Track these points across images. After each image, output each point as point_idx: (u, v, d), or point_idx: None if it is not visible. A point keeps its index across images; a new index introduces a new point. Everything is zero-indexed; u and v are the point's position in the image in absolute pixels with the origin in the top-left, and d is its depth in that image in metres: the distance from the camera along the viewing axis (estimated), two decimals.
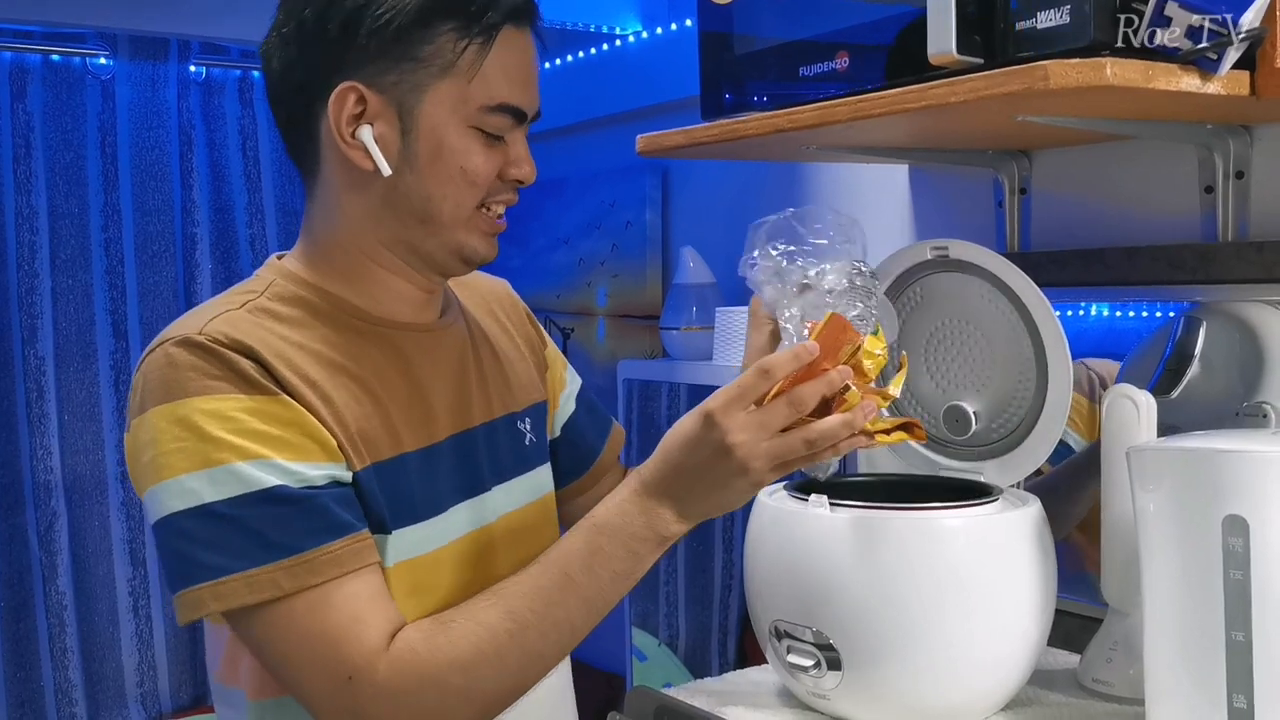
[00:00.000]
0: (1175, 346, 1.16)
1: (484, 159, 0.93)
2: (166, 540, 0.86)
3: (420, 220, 0.94)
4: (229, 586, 0.83)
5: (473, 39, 0.90)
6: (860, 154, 1.30)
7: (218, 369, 0.86)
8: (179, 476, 0.84)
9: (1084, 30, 0.87)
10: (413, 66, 0.90)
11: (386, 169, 0.91)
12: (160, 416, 0.85)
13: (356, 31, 0.89)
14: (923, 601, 0.93)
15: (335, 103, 0.91)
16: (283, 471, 0.84)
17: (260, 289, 0.95)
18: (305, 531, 0.84)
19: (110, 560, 2.23)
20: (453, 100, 0.91)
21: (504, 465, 1.04)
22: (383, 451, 0.92)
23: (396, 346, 0.96)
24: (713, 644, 1.92)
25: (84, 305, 2.17)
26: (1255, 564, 0.81)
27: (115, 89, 2.15)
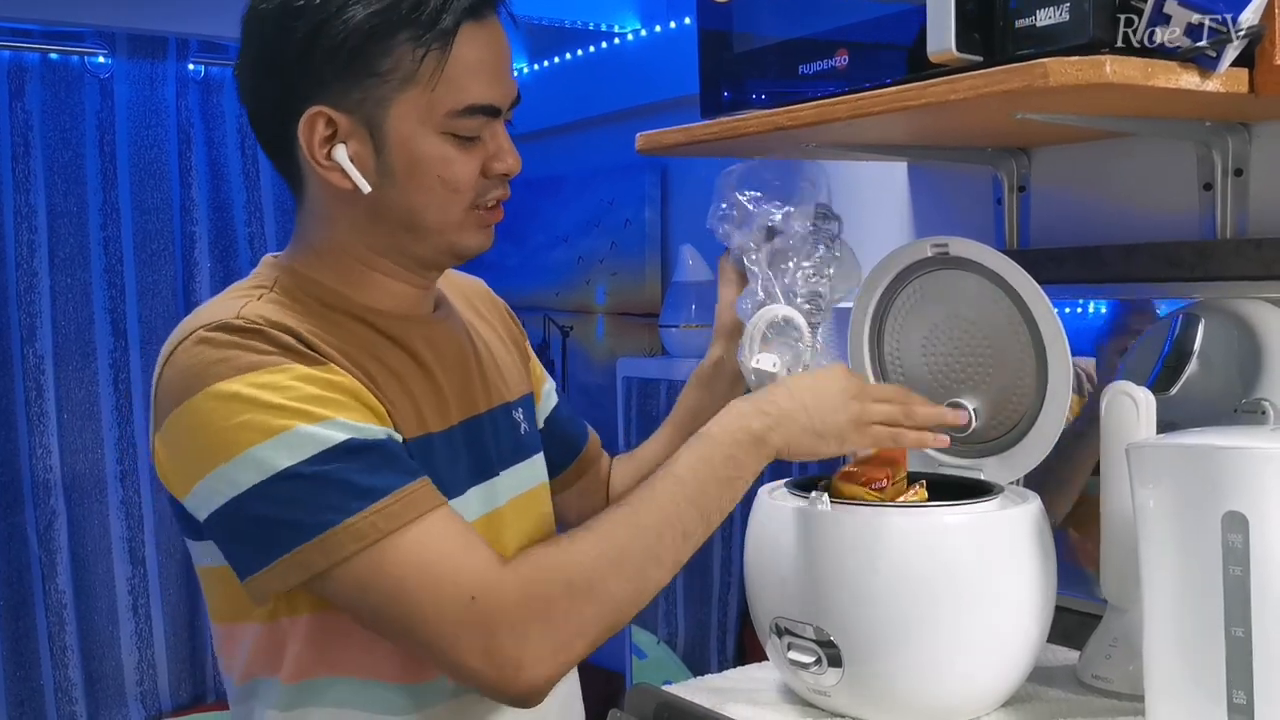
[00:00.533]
0: (1173, 344, 1.16)
1: (462, 164, 0.92)
2: (247, 516, 0.84)
3: (408, 229, 0.94)
4: (334, 540, 0.82)
5: (430, 47, 0.89)
6: (859, 152, 1.30)
7: (264, 344, 0.86)
8: (249, 449, 0.83)
9: (1083, 28, 0.88)
10: (375, 82, 0.89)
11: (366, 187, 0.91)
12: (210, 398, 0.85)
13: (313, 55, 0.89)
14: (923, 598, 0.93)
15: (305, 129, 0.90)
16: (349, 428, 0.85)
17: (268, 285, 0.95)
18: (390, 474, 0.85)
19: (110, 559, 2.23)
20: (419, 110, 0.90)
21: (506, 451, 1.05)
22: (412, 430, 0.93)
23: (404, 336, 0.97)
24: (712, 641, 1.92)
25: (83, 304, 2.17)
26: (1255, 560, 0.81)
27: (114, 87, 2.15)
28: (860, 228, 1.60)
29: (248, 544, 0.86)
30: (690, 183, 1.96)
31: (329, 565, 0.83)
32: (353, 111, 0.90)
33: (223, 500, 0.85)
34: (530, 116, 2.26)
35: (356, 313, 0.95)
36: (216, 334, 0.87)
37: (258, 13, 0.92)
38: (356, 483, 0.83)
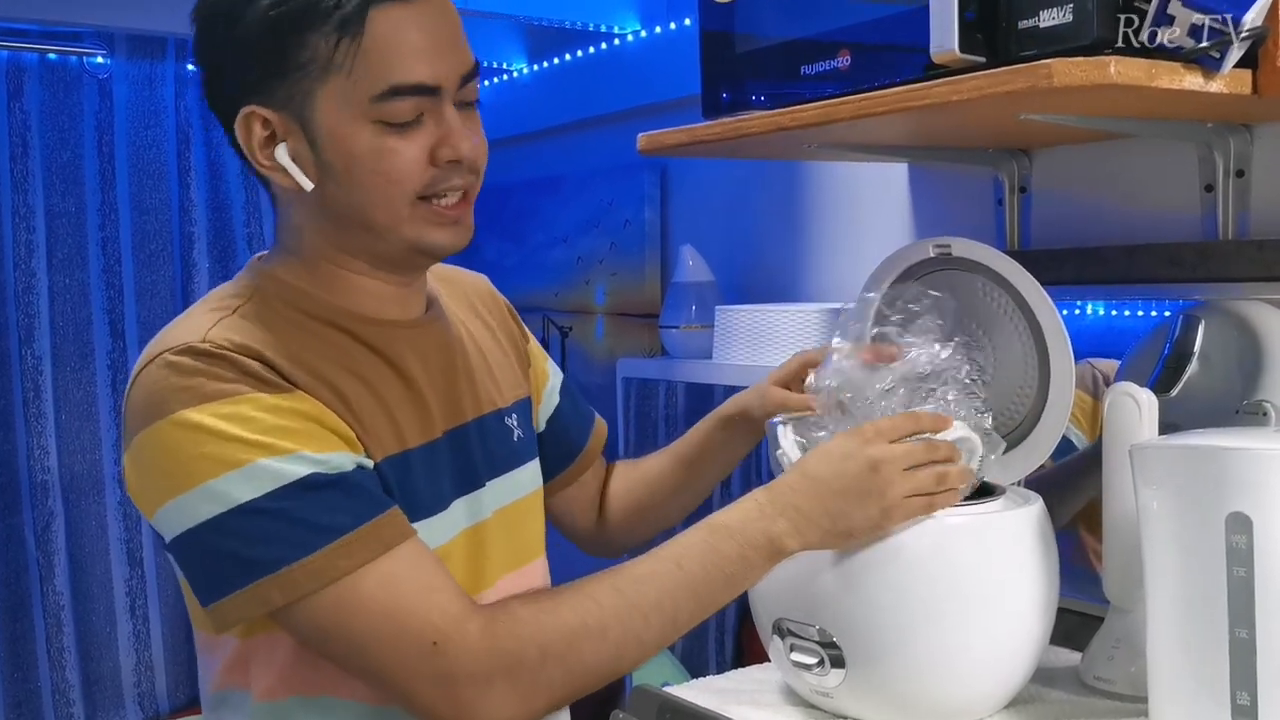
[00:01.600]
0: (1174, 345, 1.16)
1: (400, 153, 0.88)
2: (204, 548, 0.84)
3: (361, 226, 0.91)
4: (291, 577, 0.81)
5: (340, 35, 0.85)
6: (860, 152, 1.30)
7: (228, 371, 0.85)
8: (209, 481, 0.82)
9: (1086, 29, 0.88)
10: (298, 75, 0.87)
11: (307, 184, 0.89)
12: (173, 426, 0.83)
13: (233, 53, 0.88)
14: (926, 600, 0.93)
15: (241, 131, 0.89)
16: (312, 461, 0.83)
17: (248, 294, 0.93)
18: (351, 510, 0.84)
19: (107, 560, 2.23)
20: (340, 98, 0.86)
21: (496, 461, 1.03)
22: (389, 447, 0.92)
23: (387, 345, 0.95)
24: (710, 642, 1.92)
25: (81, 304, 2.17)
26: (1259, 561, 0.81)
27: (112, 87, 2.15)
28: (861, 228, 1.61)
29: (206, 575, 0.86)
30: (690, 183, 1.96)
31: (286, 601, 0.82)
32: (284, 108, 0.88)
33: (183, 529, 0.84)
34: (530, 117, 2.28)
35: (337, 320, 0.93)
36: (182, 359, 0.85)
37: (193, 19, 0.91)
38: (315, 520, 0.82)
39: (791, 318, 1.50)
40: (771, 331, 1.52)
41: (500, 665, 0.82)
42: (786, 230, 1.73)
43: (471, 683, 0.82)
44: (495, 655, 0.82)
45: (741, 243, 1.83)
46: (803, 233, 1.71)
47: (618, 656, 0.86)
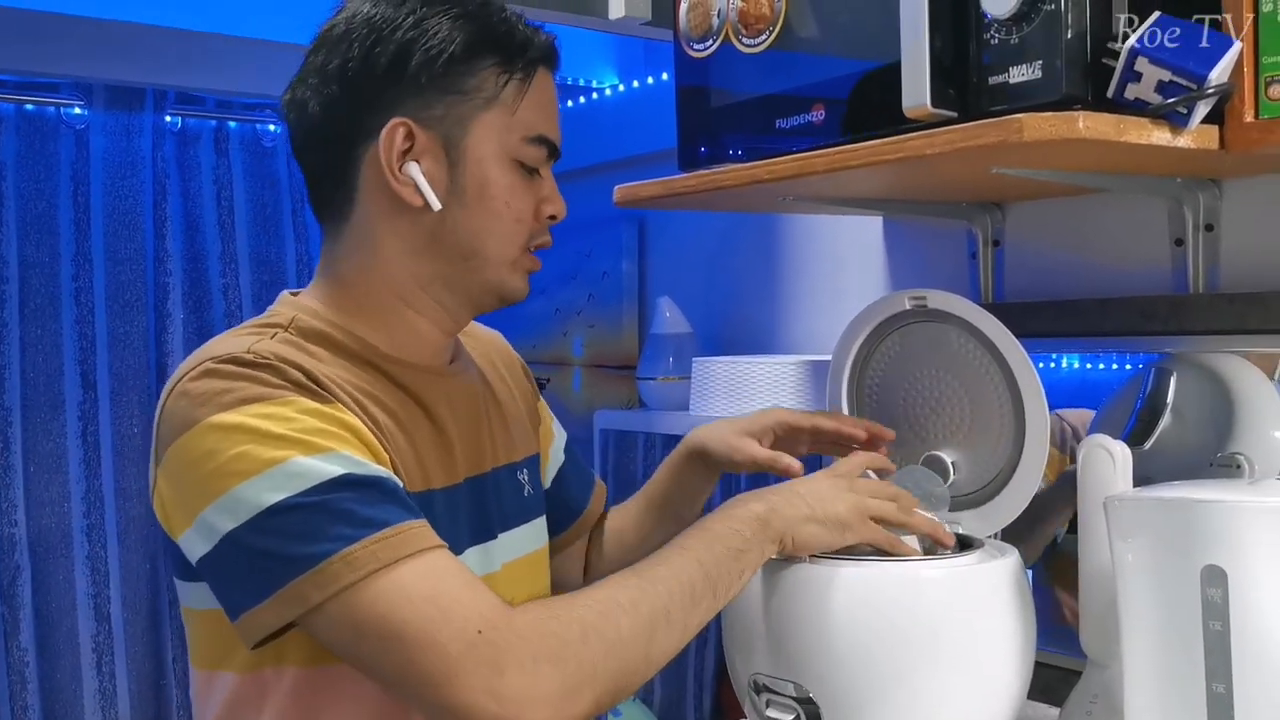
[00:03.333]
0: (1147, 398, 1.16)
1: (524, 195, 0.95)
2: (242, 550, 0.82)
3: (465, 256, 0.95)
4: (330, 571, 0.79)
5: (515, 74, 0.93)
6: (836, 205, 1.31)
7: (271, 376, 0.85)
8: (246, 481, 0.81)
9: (1056, 85, 0.89)
10: (458, 100, 0.92)
11: (437, 204, 0.92)
12: (211, 430, 0.83)
13: (406, 65, 0.91)
14: (903, 654, 0.92)
15: (385, 139, 0.91)
16: (349, 461, 0.83)
17: (284, 323, 0.94)
18: (389, 507, 0.83)
19: (74, 616, 2.18)
20: (498, 131, 0.93)
21: (507, 513, 1.03)
22: (415, 484, 0.92)
23: (417, 386, 0.96)
24: (688, 699, 1.89)
25: (52, 354, 2.14)
26: (1234, 615, 0.81)
27: (89, 138, 2.14)
28: (837, 280, 1.62)
29: (241, 580, 0.83)
30: (667, 235, 1.97)
31: (324, 598, 0.80)
32: (432, 127, 0.92)
33: (219, 535, 0.82)
34: None
35: (372, 359, 0.94)
36: (225, 365, 0.86)
37: (344, 29, 0.94)
38: (355, 512, 0.81)
39: (768, 369, 1.50)
40: (749, 383, 1.52)
41: (546, 647, 0.81)
42: (763, 282, 1.74)
43: (520, 670, 0.79)
44: (541, 637, 0.81)
45: (719, 294, 1.83)
46: (779, 285, 1.71)
47: (651, 630, 0.85)
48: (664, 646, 0.86)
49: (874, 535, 0.97)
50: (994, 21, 0.92)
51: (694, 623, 0.88)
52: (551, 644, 0.81)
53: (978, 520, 1.09)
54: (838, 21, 1.08)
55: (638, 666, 0.85)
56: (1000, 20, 0.92)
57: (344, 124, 0.93)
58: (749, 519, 0.93)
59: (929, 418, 1.14)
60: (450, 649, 0.79)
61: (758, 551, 0.92)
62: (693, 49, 1.21)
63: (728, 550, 0.91)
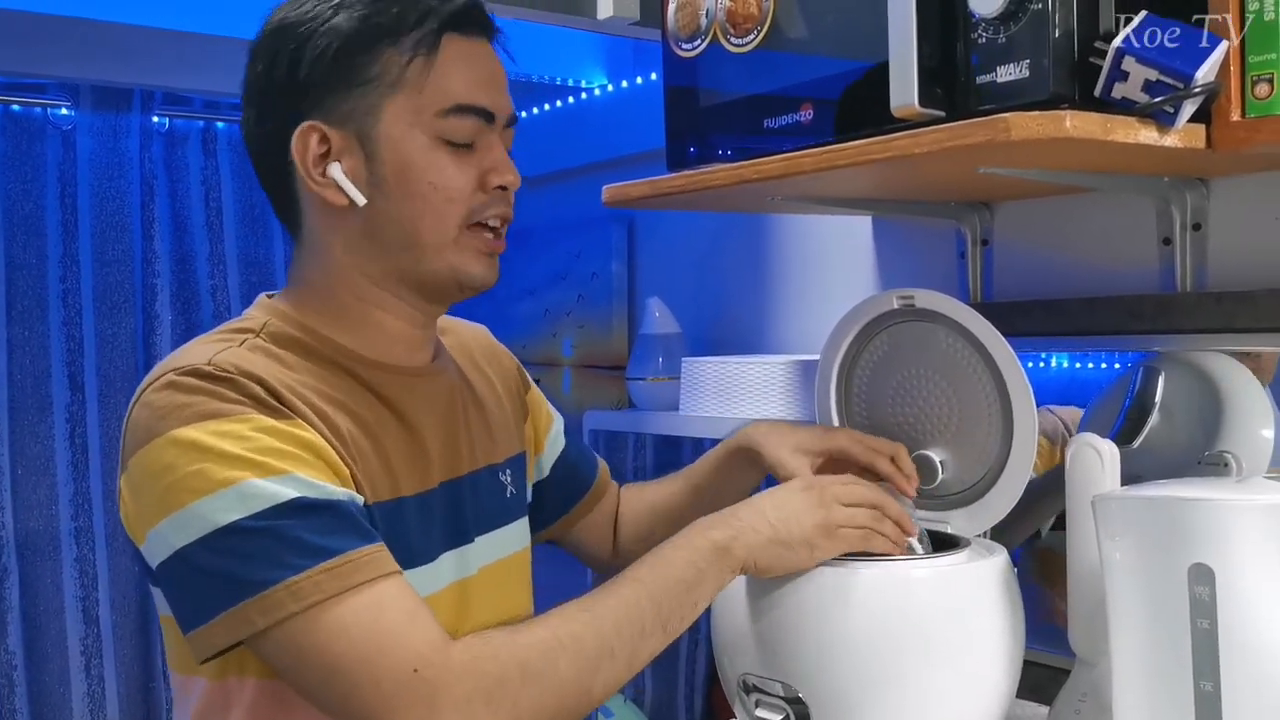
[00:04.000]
0: (1135, 396, 1.17)
1: (455, 170, 0.92)
2: (191, 568, 0.82)
3: (404, 246, 0.93)
4: (274, 598, 0.80)
5: (416, 51, 0.91)
6: (824, 205, 1.31)
7: (230, 391, 0.85)
8: (199, 500, 0.81)
9: (1043, 84, 0.89)
10: (363, 90, 0.91)
11: (360, 198, 0.91)
12: (170, 444, 0.83)
13: (299, 70, 0.90)
14: (891, 653, 0.92)
15: (298, 146, 0.91)
16: (304, 484, 0.83)
17: (256, 328, 0.94)
18: (339, 534, 0.82)
19: (62, 618, 2.17)
20: (408, 113, 0.91)
21: (486, 516, 1.03)
22: (382, 493, 0.91)
23: (390, 390, 0.95)
24: (679, 700, 1.89)
25: (40, 357, 2.13)
26: (1222, 613, 0.81)
27: (76, 139, 2.13)
28: (826, 280, 1.62)
29: (190, 597, 0.84)
30: (657, 236, 1.97)
31: (268, 624, 0.80)
32: (343, 124, 0.91)
33: (171, 550, 0.83)
34: None
35: (343, 362, 0.94)
36: (185, 379, 0.86)
37: (254, 46, 0.94)
38: (304, 540, 0.81)
39: (758, 369, 1.50)
40: (738, 383, 1.52)
41: (481, 687, 0.81)
42: (753, 282, 1.74)
43: (454, 709, 0.80)
44: (477, 677, 0.81)
45: (708, 295, 1.83)
46: (769, 285, 1.71)
47: (594, 669, 0.85)
48: (607, 682, 0.86)
49: (844, 548, 0.95)
50: (981, 21, 0.92)
51: (641, 657, 0.88)
52: (487, 684, 0.81)
53: (966, 519, 1.09)
54: (826, 21, 1.08)
55: (578, 704, 0.85)
56: (988, 19, 0.92)
57: (269, 139, 0.94)
58: (707, 549, 0.92)
59: (917, 417, 1.14)
60: (385, 686, 0.80)
61: (714, 582, 0.92)
62: (681, 49, 1.21)
63: (680, 583, 0.90)
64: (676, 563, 0.91)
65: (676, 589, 0.89)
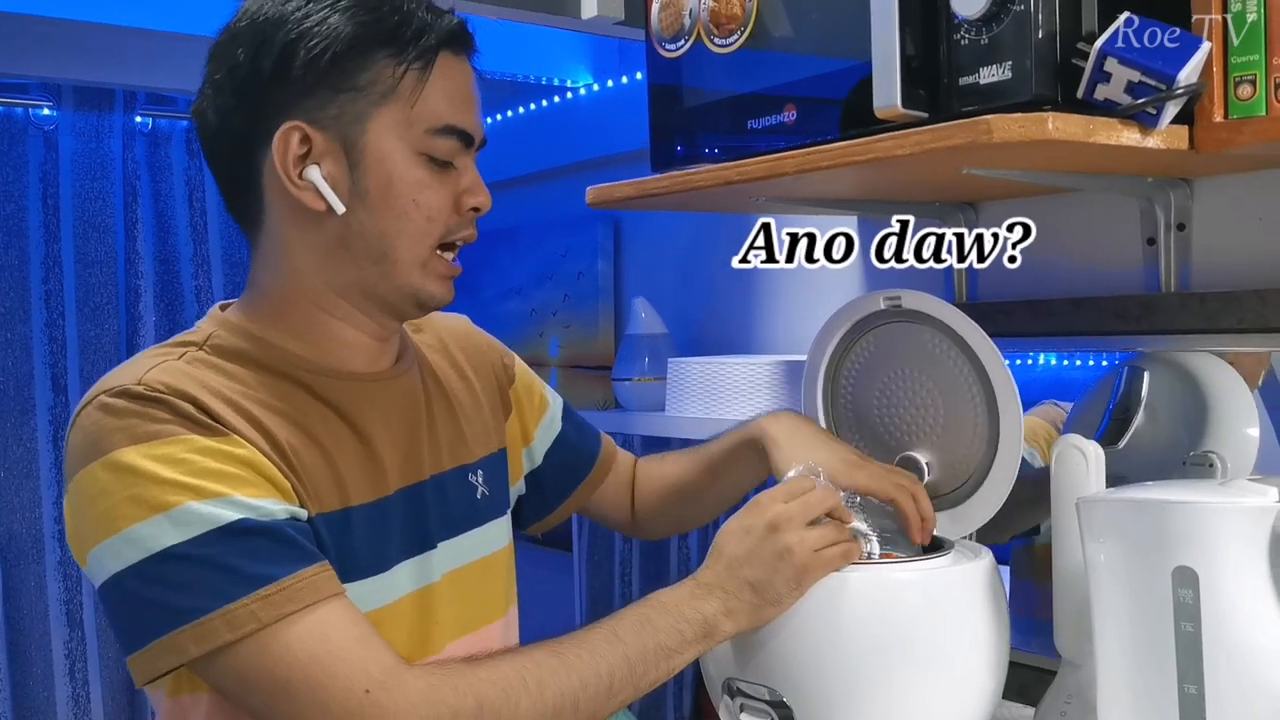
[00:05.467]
0: (1120, 397, 1.17)
1: (436, 190, 0.91)
2: (127, 594, 0.81)
3: (375, 260, 0.91)
4: (209, 627, 0.79)
5: (411, 64, 0.89)
6: (809, 206, 1.31)
7: (162, 413, 0.83)
8: (135, 525, 0.80)
9: (1025, 85, 0.89)
10: (353, 96, 0.88)
11: (340, 206, 0.89)
12: (105, 468, 0.82)
13: (290, 66, 0.87)
14: (876, 657, 0.92)
15: (279, 145, 0.88)
16: (243, 506, 0.81)
17: (200, 340, 0.92)
18: (277, 560, 0.81)
19: (46, 622, 2.16)
20: (397, 125, 0.89)
21: (452, 520, 1.01)
22: (329, 503, 0.89)
23: (343, 398, 0.93)
24: (668, 699, 1.89)
25: (23, 359, 2.12)
26: (1206, 616, 0.81)
27: (58, 139, 2.12)
28: (812, 280, 1.61)
29: (127, 622, 0.83)
30: (643, 235, 1.96)
31: (203, 652, 0.79)
32: (329, 128, 0.89)
33: (108, 574, 0.82)
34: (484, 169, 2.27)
35: (293, 372, 0.92)
36: (117, 400, 0.84)
37: (232, 33, 0.91)
38: (239, 568, 0.80)
39: (744, 369, 1.49)
40: (724, 383, 1.52)
41: (435, 716, 0.80)
42: (738, 282, 1.74)
43: None
44: (432, 705, 0.80)
45: (694, 295, 1.83)
46: (755, 285, 1.71)
47: (555, 715, 0.84)
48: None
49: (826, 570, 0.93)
50: (964, 22, 0.92)
51: (605, 712, 0.87)
52: (441, 712, 0.80)
53: (951, 521, 1.09)
54: (809, 22, 1.07)
55: None
56: (970, 21, 0.91)
57: (241, 133, 0.91)
58: (696, 621, 0.90)
59: (903, 418, 1.14)
60: (334, 709, 0.79)
61: (694, 653, 0.91)
62: (665, 49, 1.21)
63: (660, 649, 0.89)
64: (661, 629, 0.89)
65: (655, 654, 0.88)
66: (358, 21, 0.88)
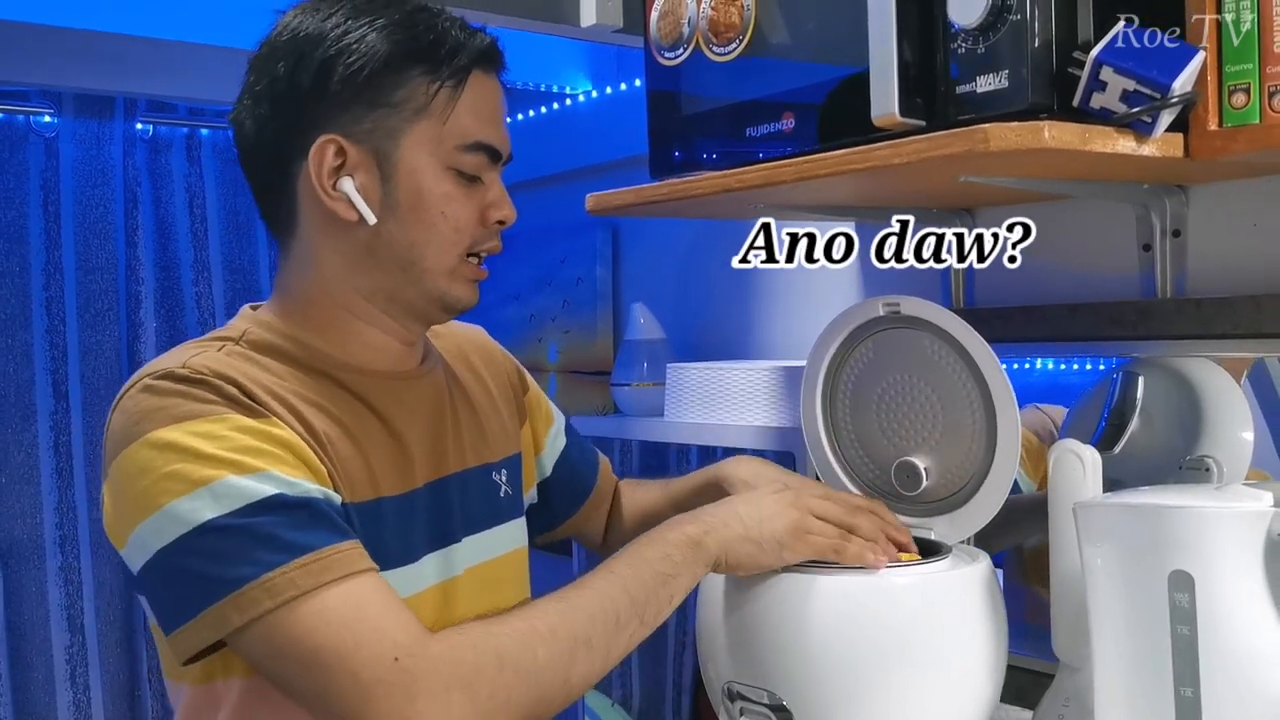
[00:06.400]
0: (1116, 401, 1.17)
1: (463, 204, 0.94)
2: (170, 569, 0.83)
3: (403, 268, 0.94)
4: (250, 596, 0.80)
5: (444, 82, 0.92)
6: (807, 212, 1.31)
7: (206, 393, 0.85)
8: (176, 500, 0.82)
9: (1021, 94, 0.90)
10: (387, 112, 0.92)
11: (372, 217, 0.92)
12: (146, 446, 0.84)
13: (329, 81, 0.91)
14: (875, 661, 0.93)
15: (315, 156, 0.91)
16: (281, 482, 0.83)
17: (236, 336, 0.94)
18: (314, 530, 0.83)
19: (47, 627, 2.17)
20: (429, 141, 0.92)
21: (475, 516, 1.03)
22: (361, 493, 0.92)
23: (372, 393, 0.96)
24: (667, 703, 1.90)
25: (24, 365, 2.13)
26: (1202, 619, 0.81)
27: (59, 146, 2.13)
28: (811, 285, 1.62)
29: (170, 598, 0.85)
30: (642, 241, 1.97)
31: (244, 622, 0.81)
32: (363, 141, 0.92)
33: (150, 553, 0.83)
34: None
35: (326, 368, 0.94)
36: (160, 382, 0.86)
37: (272, 45, 0.94)
38: (279, 537, 0.82)
39: (743, 375, 1.50)
40: (723, 389, 1.52)
41: (459, 675, 0.81)
42: (737, 288, 1.74)
43: (432, 699, 0.80)
44: (455, 665, 0.82)
45: (693, 300, 1.84)
46: (753, 290, 1.72)
47: (569, 657, 0.86)
48: (584, 673, 0.87)
49: (813, 552, 0.96)
50: (961, 31, 0.93)
51: (618, 648, 0.89)
52: (465, 672, 0.82)
53: (949, 525, 1.09)
54: (807, 30, 1.08)
55: (555, 694, 0.86)
56: (967, 30, 0.92)
57: (277, 144, 0.94)
58: (681, 542, 0.93)
59: (901, 423, 1.14)
60: (364, 675, 0.80)
61: (688, 575, 0.93)
62: (664, 57, 1.22)
63: (656, 575, 0.91)
64: (651, 556, 0.92)
65: (652, 581, 0.91)
66: (394, 40, 0.91)
